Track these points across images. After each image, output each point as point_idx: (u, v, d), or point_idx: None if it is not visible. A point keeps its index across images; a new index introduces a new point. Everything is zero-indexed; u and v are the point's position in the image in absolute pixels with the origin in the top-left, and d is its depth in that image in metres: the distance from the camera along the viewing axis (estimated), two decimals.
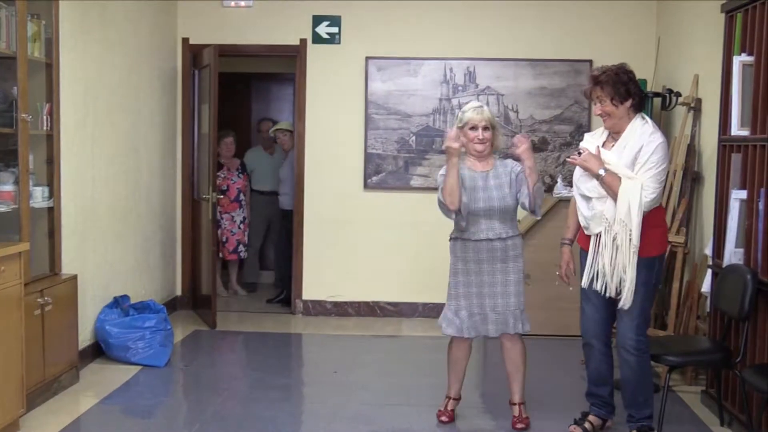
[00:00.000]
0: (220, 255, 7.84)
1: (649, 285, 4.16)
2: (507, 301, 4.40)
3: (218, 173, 7.62)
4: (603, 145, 4.25)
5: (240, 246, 8.03)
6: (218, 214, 7.72)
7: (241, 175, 7.99)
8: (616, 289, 4.11)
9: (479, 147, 4.37)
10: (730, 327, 4.54)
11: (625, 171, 4.06)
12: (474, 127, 4.36)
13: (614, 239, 4.08)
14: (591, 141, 4.33)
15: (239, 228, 8.00)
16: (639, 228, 4.02)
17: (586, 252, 4.28)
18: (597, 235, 4.17)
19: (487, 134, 4.36)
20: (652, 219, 4.12)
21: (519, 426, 4.47)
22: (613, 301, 4.23)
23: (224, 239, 7.91)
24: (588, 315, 4.37)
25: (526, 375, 4.53)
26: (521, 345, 4.50)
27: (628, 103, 4.14)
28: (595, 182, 4.14)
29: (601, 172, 4.06)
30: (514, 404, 4.53)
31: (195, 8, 7.30)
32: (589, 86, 4.24)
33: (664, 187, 4.35)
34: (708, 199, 5.46)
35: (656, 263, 4.19)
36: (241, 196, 8.00)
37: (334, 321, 7.17)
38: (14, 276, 4.19)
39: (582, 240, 4.37)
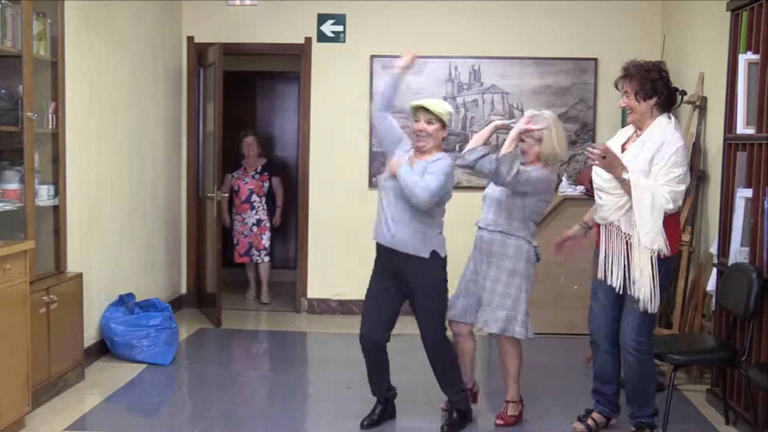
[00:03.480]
0: (235, 257, 7.75)
1: (660, 286, 4.12)
2: (483, 294, 4.43)
3: (234, 173, 7.66)
4: (627, 141, 4.26)
5: (253, 250, 7.67)
6: (232, 215, 7.72)
7: (257, 175, 7.67)
8: (624, 285, 4.11)
9: (524, 146, 4.42)
10: (735, 325, 4.53)
11: (640, 177, 4.00)
12: (523, 140, 4.40)
13: (629, 238, 4.08)
14: (617, 139, 4.35)
15: (251, 231, 7.64)
16: (656, 233, 3.97)
17: (598, 247, 4.29)
18: (605, 226, 4.18)
19: (535, 149, 4.37)
20: (668, 221, 4.05)
21: (497, 422, 4.54)
22: (621, 301, 4.23)
23: (235, 241, 7.74)
24: (595, 313, 4.39)
25: (516, 376, 4.54)
26: (508, 347, 4.49)
27: (652, 101, 4.11)
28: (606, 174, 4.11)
29: (625, 176, 3.99)
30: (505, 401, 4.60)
31: (200, 7, 7.31)
32: (618, 78, 4.25)
33: (686, 191, 4.28)
34: (713, 197, 5.45)
35: (664, 265, 4.11)
36: (254, 198, 7.63)
37: (339, 319, 7.18)
38: (20, 274, 4.20)
39: (598, 236, 4.34)
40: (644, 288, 4.03)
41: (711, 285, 5.01)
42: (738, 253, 4.53)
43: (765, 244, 4.25)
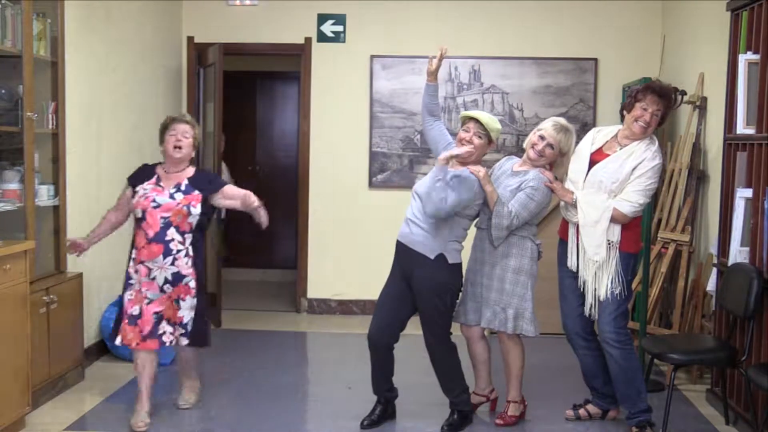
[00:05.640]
0: (118, 340, 4.39)
1: (625, 280, 4.30)
2: (488, 295, 4.42)
3: (138, 186, 4.44)
4: (602, 146, 4.39)
5: (164, 325, 4.36)
6: (130, 262, 4.43)
7: (180, 194, 4.36)
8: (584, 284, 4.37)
9: (532, 154, 4.39)
10: (735, 325, 4.54)
11: (601, 195, 4.26)
12: (542, 137, 4.37)
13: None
14: (591, 144, 4.44)
15: (161, 291, 4.35)
16: (598, 245, 4.25)
17: (565, 241, 4.47)
18: (575, 225, 4.37)
19: (548, 151, 4.36)
20: (633, 219, 4.31)
21: (497, 422, 4.55)
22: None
23: (136, 311, 4.35)
24: (565, 312, 4.54)
25: (518, 376, 4.55)
26: (513, 346, 4.51)
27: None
28: (578, 172, 4.38)
29: (573, 198, 4.31)
30: (507, 401, 4.61)
31: (200, 7, 7.31)
32: (654, 93, 4.27)
33: (655, 196, 4.74)
34: (713, 197, 5.45)
35: (632, 260, 4.38)
36: (171, 233, 4.35)
37: (339, 319, 7.18)
38: (20, 274, 4.21)
39: (562, 231, 4.54)
40: (602, 285, 4.28)
41: (711, 285, 5.02)
42: (738, 253, 4.53)
43: (765, 244, 4.25)
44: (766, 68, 4.34)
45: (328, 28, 7.22)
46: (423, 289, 4.29)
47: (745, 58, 4.56)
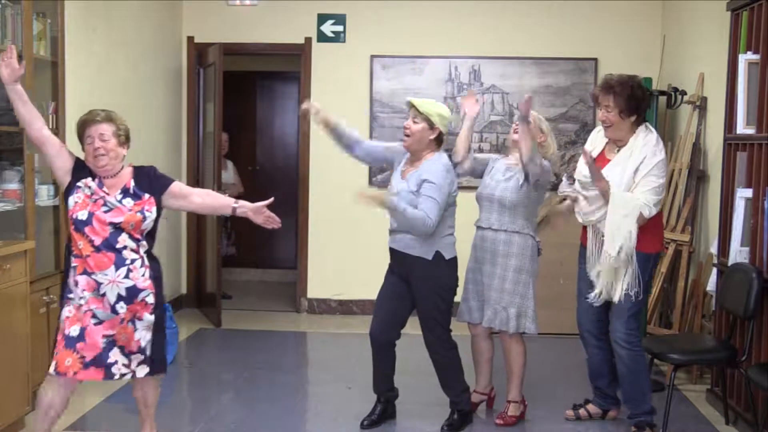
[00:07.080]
0: (52, 366, 3.54)
1: (643, 281, 4.25)
2: (489, 294, 4.42)
3: (79, 183, 3.70)
4: (604, 149, 4.37)
5: (117, 353, 3.65)
6: (70, 272, 3.64)
7: (129, 199, 3.70)
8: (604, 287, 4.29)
9: (514, 136, 4.44)
10: (735, 325, 4.53)
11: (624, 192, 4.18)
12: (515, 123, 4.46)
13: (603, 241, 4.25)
14: (591, 144, 4.46)
15: (114, 312, 3.60)
16: (622, 242, 4.13)
17: (585, 247, 4.43)
18: (591, 227, 4.33)
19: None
20: (652, 219, 4.22)
21: (497, 422, 4.55)
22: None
23: (74, 332, 3.56)
24: (581, 309, 4.51)
25: (519, 376, 4.55)
26: (515, 346, 4.51)
27: (633, 118, 4.23)
28: (586, 176, 4.29)
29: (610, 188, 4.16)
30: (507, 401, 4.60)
31: (200, 7, 7.31)
32: (598, 90, 4.28)
33: (666, 194, 4.62)
34: (713, 197, 5.45)
35: (651, 260, 4.30)
36: (123, 240, 3.63)
37: (339, 319, 7.18)
38: (20, 274, 4.21)
39: (583, 236, 4.49)
40: (618, 286, 4.22)
41: (711, 285, 5.02)
42: (738, 253, 4.53)
43: (765, 244, 4.25)
44: (766, 68, 4.34)
45: (328, 28, 7.22)
46: (423, 290, 4.28)
47: (745, 58, 4.55)
